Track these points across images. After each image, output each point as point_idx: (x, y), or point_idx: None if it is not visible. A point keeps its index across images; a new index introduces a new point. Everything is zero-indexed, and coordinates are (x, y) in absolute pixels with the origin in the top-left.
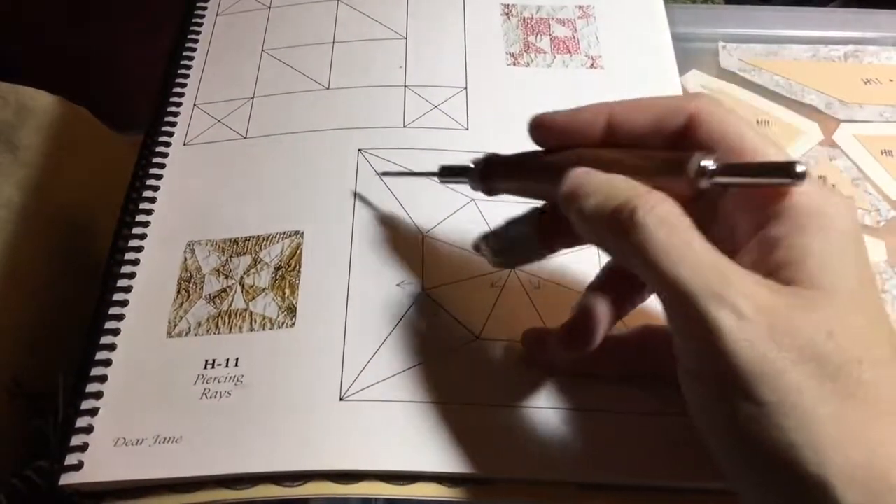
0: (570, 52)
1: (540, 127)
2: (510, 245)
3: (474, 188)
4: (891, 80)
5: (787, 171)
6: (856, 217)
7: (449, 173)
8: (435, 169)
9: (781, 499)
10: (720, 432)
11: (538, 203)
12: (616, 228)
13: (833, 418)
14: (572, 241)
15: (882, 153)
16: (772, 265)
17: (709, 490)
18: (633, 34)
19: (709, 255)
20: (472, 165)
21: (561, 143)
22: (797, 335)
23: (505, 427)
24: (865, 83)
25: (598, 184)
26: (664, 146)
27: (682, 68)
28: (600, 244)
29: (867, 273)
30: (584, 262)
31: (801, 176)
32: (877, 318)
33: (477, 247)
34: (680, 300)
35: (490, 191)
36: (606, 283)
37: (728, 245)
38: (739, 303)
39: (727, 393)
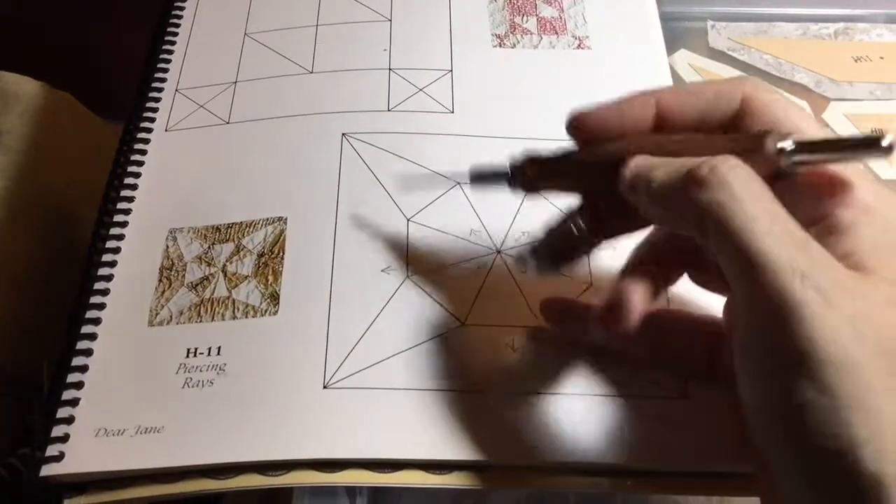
0: (556, 33)
1: (580, 124)
2: (556, 248)
3: (513, 187)
4: (881, 58)
5: (873, 145)
6: None
7: (483, 179)
8: (457, 172)
9: (828, 493)
10: (774, 417)
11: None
12: (692, 187)
13: None
14: (616, 229)
15: (873, 132)
16: (839, 253)
17: (704, 473)
18: (620, 14)
19: (795, 227)
20: (507, 169)
21: (604, 138)
22: (878, 328)
23: (491, 413)
24: (856, 61)
25: (665, 160)
26: (719, 132)
27: (671, 48)
28: (666, 215)
29: None
30: None
31: (890, 150)
32: None
33: (523, 260)
34: (759, 274)
35: (535, 192)
36: (640, 265)
37: None
38: (826, 285)
39: (795, 378)
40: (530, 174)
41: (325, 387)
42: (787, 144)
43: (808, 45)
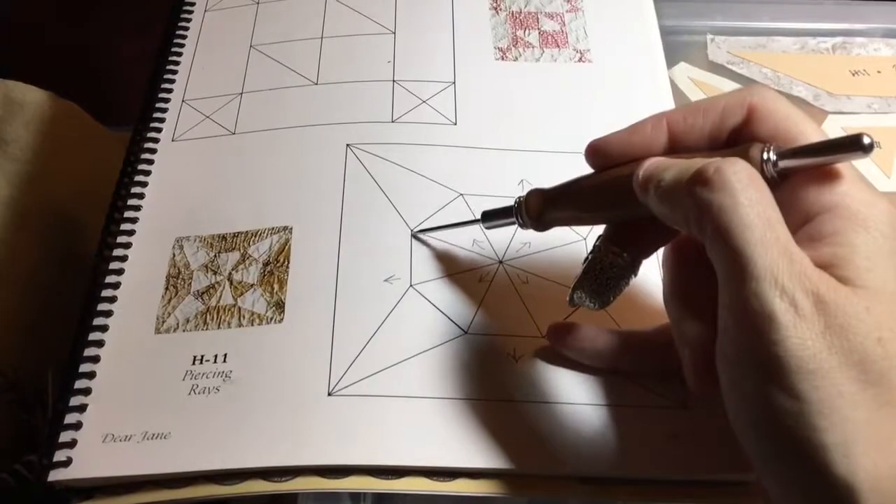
0: (558, 46)
1: (598, 152)
2: (601, 281)
3: (524, 226)
4: (878, 72)
5: (855, 145)
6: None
7: (493, 217)
8: (470, 216)
9: (805, 495)
10: (752, 422)
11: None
12: (697, 185)
13: (868, 424)
14: (647, 247)
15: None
16: (820, 260)
17: (704, 482)
18: (621, 27)
19: (784, 236)
20: (515, 204)
21: (619, 163)
22: (849, 338)
23: (493, 421)
24: (853, 75)
25: (677, 161)
26: (726, 146)
27: (671, 61)
28: (673, 214)
29: None
30: (570, 257)
31: (870, 148)
32: None
33: (573, 300)
34: (742, 281)
35: (543, 225)
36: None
37: None
38: (800, 299)
39: (767, 384)
40: (534, 207)
41: (329, 394)
42: (770, 154)
43: (806, 59)
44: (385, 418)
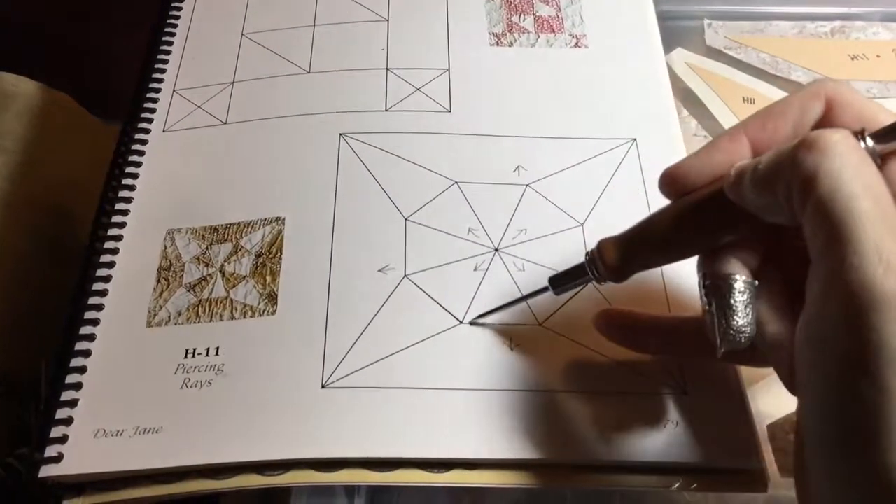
0: (553, 32)
1: (675, 179)
2: (741, 309)
3: (600, 280)
4: (878, 56)
5: None
6: None
7: (563, 281)
8: (538, 282)
9: (855, 486)
10: (822, 404)
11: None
12: (801, 150)
13: None
14: (749, 260)
15: None
16: None
17: (706, 469)
18: (617, 12)
19: (891, 212)
20: (586, 260)
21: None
22: None
23: (490, 411)
24: (852, 59)
25: (767, 153)
26: None
27: (668, 46)
28: (768, 200)
29: None
30: (566, 243)
31: None
32: None
33: (728, 345)
34: (843, 254)
35: (625, 275)
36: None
37: None
38: None
39: (852, 368)
40: (611, 258)
41: (323, 386)
42: (867, 139)
43: (804, 44)
44: (379, 410)
